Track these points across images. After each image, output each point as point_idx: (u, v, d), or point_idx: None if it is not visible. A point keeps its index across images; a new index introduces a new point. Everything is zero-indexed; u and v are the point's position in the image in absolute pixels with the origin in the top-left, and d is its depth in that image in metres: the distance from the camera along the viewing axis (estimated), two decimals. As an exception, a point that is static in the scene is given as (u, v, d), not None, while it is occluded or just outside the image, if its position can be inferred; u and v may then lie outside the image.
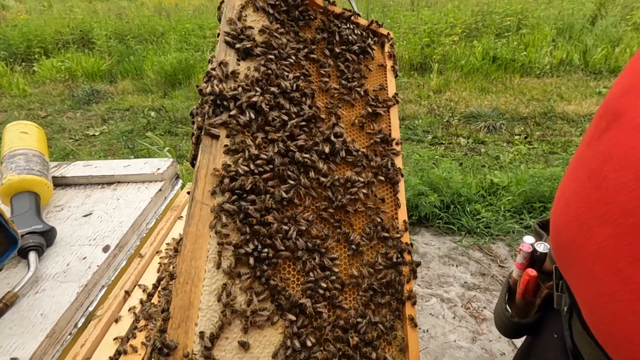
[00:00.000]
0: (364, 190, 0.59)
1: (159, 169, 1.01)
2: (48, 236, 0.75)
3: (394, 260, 0.58)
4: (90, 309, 0.68)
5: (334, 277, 0.51)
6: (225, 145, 0.49)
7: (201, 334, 0.41)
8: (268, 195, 0.49)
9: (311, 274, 0.49)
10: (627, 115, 0.36)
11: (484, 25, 7.19)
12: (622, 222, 0.33)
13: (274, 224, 0.47)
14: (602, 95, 5.15)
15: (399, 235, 0.60)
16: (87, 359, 0.56)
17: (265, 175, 0.50)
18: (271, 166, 0.50)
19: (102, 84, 6.43)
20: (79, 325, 0.65)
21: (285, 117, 0.55)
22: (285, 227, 0.49)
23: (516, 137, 4.39)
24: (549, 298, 0.58)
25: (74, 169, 1.03)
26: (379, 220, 0.59)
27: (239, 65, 0.55)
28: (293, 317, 0.46)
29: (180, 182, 1.09)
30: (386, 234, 0.58)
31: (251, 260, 0.43)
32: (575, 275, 0.41)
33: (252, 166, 0.49)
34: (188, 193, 0.93)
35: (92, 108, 5.49)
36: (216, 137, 0.49)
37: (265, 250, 0.46)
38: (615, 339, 0.33)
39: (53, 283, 0.68)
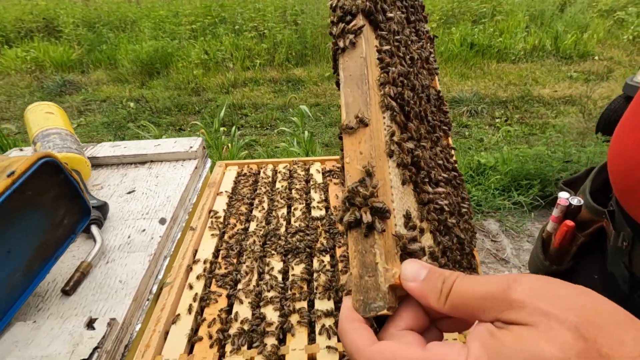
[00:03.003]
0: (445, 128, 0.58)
1: (191, 147, 1.01)
2: (103, 211, 0.75)
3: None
4: (159, 277, 0.69)
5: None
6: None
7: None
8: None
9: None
10: None
11: (460, 12, 7.35)
12: None
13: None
14: (573, 79, 5.42)
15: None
16: (173, 320, 0.58)
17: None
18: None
19: (74, 75, 6.11)
20: (154, 291, 0.66)
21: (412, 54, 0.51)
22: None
23: (497, 120, 4.57)
24: (584, 245, 0.65)
25: (103, 150, 1.02)
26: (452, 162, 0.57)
27: None
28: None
29: (209, 161, 1.10)
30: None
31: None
32: None
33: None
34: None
35: (65, 100, 5.22)
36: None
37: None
38: None
39: (120, 254, 0.69)
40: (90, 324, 0.51)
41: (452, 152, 0.55)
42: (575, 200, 0.68)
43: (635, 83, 3.16)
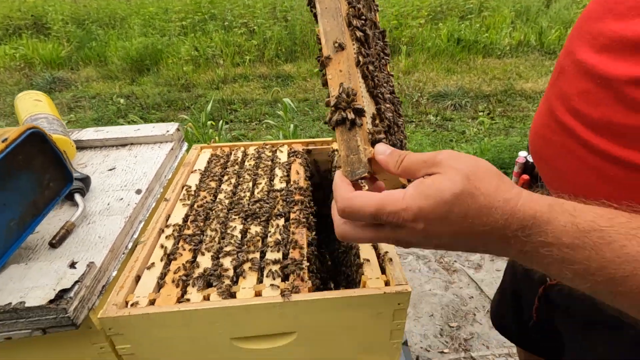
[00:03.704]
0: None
1: (168, 130, 1.12)
2: (86, 183, 0.86)
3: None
4: (135, 236, 0.80)
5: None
6: None
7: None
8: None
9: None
10: (566, 71, 0.54)
11: (448, 7, 7.47)
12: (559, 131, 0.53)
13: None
14: (555, 73, 5.58)
15: None
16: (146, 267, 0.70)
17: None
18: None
19: (63, 72, 6.13)
20: (129, 247, 0.77)
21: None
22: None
23: (480, 113, 4.70)
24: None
25: (87, 134, 1.12)
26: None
27: None
28: None
29: (185, 144, 1.21)
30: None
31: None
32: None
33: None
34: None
35: (55, 96, 5.26)
36: None
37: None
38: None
39: (100, 217, 0.80)
40: (72, 265, 0.63)
41: (391, 78, 0.68)
42: (530, 157, 0.80)
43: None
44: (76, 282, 0.59)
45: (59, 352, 0.68)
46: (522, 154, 0.75)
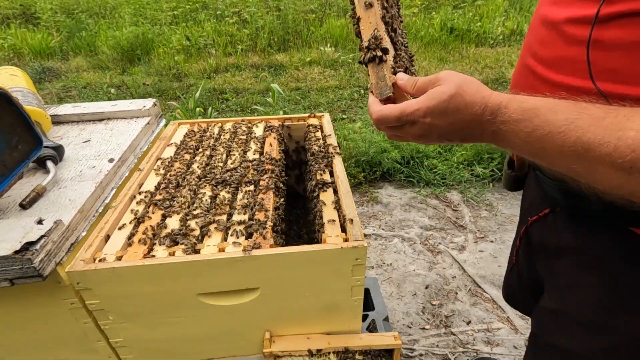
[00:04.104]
0: None
1: (144, 106, 1.14)
2: (59, 151, 0.88)
3: None
4: (107, 201, 0.83)
5: None
6: None
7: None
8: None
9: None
10: (532, 25, 0.66)
11: (442, -4, 7.43)
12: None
13: None
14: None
15: None
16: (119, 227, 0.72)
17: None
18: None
19: (53, 62, 6.07)
20: (99, 211, 0.80)
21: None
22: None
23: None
24: None
25: (64, 109, 1.14)
26: None
27: None
28: None
29: (163, 120, 1.23)
30: None
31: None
32: None
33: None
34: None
35: (45, 87, 5.23)
36: None
37: None
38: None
39: (71, 183, 0.82)
40: (39, 222, 0.65)
41: (405, 34, 0.82)
42: None
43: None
44: (42, 236, 0.62)
45: (31, 308, 0.71)
46: None
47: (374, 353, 0.81)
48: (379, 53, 0.62)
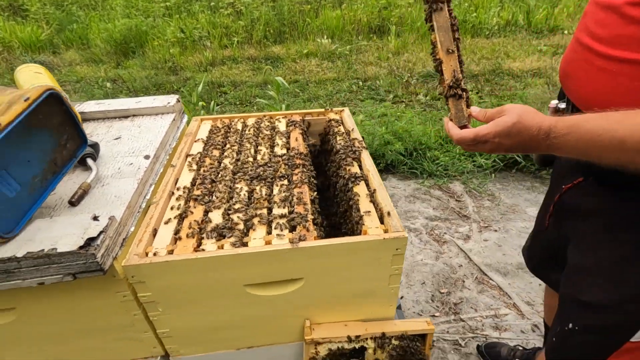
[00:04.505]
0: None
1: (169, 102, 1.15)
2: (96, 149, 0.89)
3: None
4: (147, 197, 0.85)
5: None
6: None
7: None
8: None
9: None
10: (587, 12, 0.78)
11: (437, -13, 7.41)
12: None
13: None
14: (543, 53, 5.65)
15: None
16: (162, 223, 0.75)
17: None
18: None
19: (45, 55, 5.94)
20: (142, 207, 0.82)
21: None
22: None
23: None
24: None
25: (88, 107, 1.15)
26: None
27: None
28: None
29: (185, 116, 1.24)
30: None
31: None
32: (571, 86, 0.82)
33: None
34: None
35: (40, 80, 5.11)
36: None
37: None
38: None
39: (113, 180, 0.84)
40: (95, 218, 0.67)
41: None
42: (562, 105, 0.90)
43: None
44: (101, 232, 0.64)
45: (85, 301, 0.73)
46: (554, 102, 0.91)
47: (409, 338, 0.85)
48: (460, 92, 0.77)
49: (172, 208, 0.84)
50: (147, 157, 0.92)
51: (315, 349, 0.83)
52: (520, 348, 1.68)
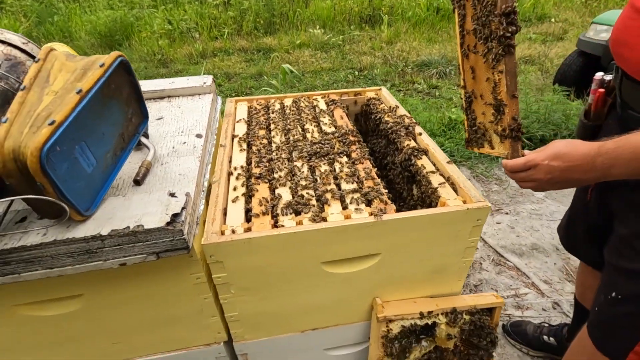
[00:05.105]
0: None
1: (205, 82, 1.10)
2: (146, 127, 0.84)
3: None
4: (207, 176, 0.80)
5: None
6: None
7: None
8: None
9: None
10: None
11: (426, -24, 7.42)
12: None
13: None
14: (533, 41, 5.74)
15: None
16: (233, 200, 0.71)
17: None
18: None
19: (26, 49, 5.67)
20: (205, 185, 0.78)
21: None
22: None
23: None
24: (612, 106, 0.91)
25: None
26: None
27: None
28: None
29: (220, 99, 1.19)
30: None
31: None
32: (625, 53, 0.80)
33: None
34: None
35: (22, 75, 4.89)
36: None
37: None
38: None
39: (171, 158, 0.79)
40: (172, 195, 0.63)
41: None
42: (608, 77, 0.88)
43: (587, 38, 3.48)
44: (183, 208, 0.60)
45: (156, 285, 0.69)
46: (599, 74, 0.91)
47: (480, 312, 0.84)
48: (519, 134, 0.80)
49: (234, 188, 0.80)
50: (199, 135, 0.87)
51: (387, 326, 0.81)
52: (546, 325, 1.70)
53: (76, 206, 0.53)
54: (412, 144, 0.94)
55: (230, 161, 0.89)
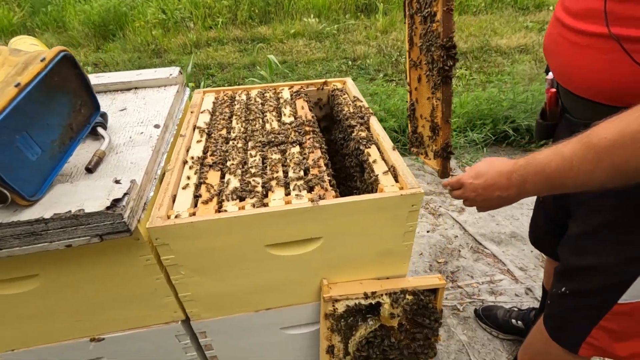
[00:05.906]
0: None
1: (171, 74, 1.13)
2: (104, 118, 0.88)
3: None
4: (161, 165, 0.85)
5: None
6: None
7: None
8: None
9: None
10: None
11: (423, -37, 7.31)
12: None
13: None
14: (529, 29, 5.68)
15: None
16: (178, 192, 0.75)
17: None
18: None
19: (20, 39, 5.66)
20: (158, 173, 0.82)
21: None
22: None
23: (457, 70, 4.78)
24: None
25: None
26: None
27: None
28: None
29: (188, 89, 1.23)
30: None
31: None
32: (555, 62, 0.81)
33: None
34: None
35: (17, 65, 4.90)
36: None
37: None
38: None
39: (126, 148, 0.83)
40: (117, 181, 0.67)
41: None
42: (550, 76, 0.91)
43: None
44: (125, 193, 0.64)
45: (109, 266, 0.74)
46: (551, 74, 0.94)
47: (422, 292, 0.89)
48: (450, 155, 0.88)
49: (187, 177, 0.85)
50: (157, 126, 0.91)
51: (333, 306, 0.86)
52: (516, 309, 1.76)
53: (20, 192, 0.58)
54: (364, 134, 0.97)
55: (187, 151, 0.93)
